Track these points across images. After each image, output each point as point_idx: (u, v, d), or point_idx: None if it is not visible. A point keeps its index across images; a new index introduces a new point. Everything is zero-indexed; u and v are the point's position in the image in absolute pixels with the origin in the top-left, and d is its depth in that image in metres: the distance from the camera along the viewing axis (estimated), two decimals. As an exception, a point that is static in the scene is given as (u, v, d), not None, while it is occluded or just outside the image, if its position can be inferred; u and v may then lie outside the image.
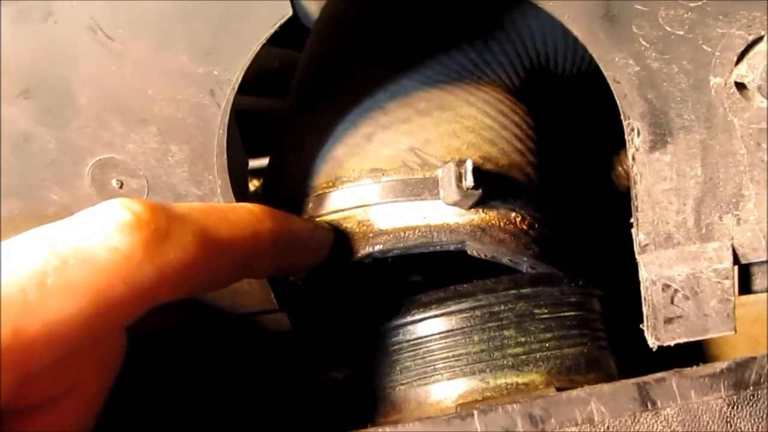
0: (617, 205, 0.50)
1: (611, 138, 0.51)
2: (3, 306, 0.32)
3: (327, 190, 0.49)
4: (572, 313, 0.49)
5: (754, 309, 0.68)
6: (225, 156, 0.45)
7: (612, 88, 0.41)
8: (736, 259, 0.43)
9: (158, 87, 0.43)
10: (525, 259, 0.47)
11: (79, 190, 0.46)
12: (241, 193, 0.48)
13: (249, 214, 0.43)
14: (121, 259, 0.35)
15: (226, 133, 0.44)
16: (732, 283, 0.43)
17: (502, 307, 0.47)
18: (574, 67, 0.56)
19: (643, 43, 0.39)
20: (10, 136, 0.44)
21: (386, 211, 0.47)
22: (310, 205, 0.49)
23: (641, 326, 0.45)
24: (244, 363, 0.54)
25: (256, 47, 0.42)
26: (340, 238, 0.47)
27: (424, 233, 0.46)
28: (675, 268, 0.43)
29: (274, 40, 0.76)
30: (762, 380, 0.39)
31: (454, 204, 0.46)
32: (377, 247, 0.46)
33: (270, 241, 0.43)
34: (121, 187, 0.46)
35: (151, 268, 0.36)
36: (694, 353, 0.44)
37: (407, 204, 0.47)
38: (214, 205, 0.43)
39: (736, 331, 0.44)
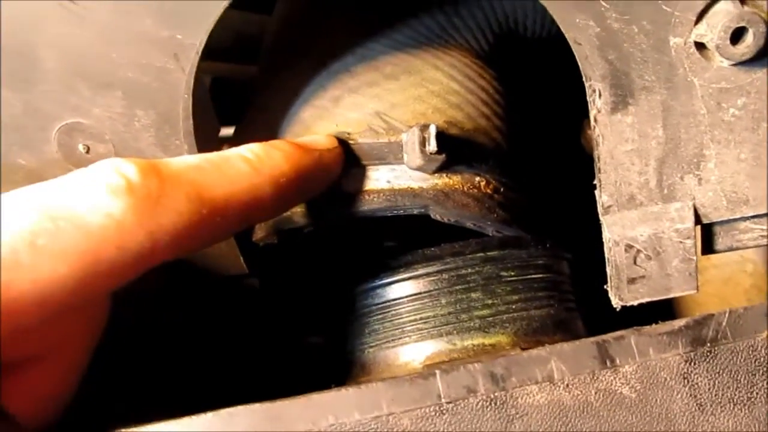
0: (587, 168, 0.50)
1: (581, 102, 0.51)
2: None
3: (293, 153, 0.48)
4: (539, 276, 0.49)
5: (725, 270, 0.68)
6: (191, 120, 0.45)
7: (573, 50, 0.41)
8: (698, 219, 0.44)
9: (123, 51, 0.43)
10: (489, 223, 0.48)
11: (47, 155, 0.47)
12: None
13: (246, 164, 0.41)
14: (113, 224, 0.35)
15: (191, 98, 0.45)
16: (694, 242, 0.43)
17: (470, 270, 0.48)
18: (544, 30, 0.56)
19: (604, 3, 0.39)
20: (-23, 101, 0.45)
21: (351, 175, 0.47)
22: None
23: (605, 287, 0.46)
24: (218, 327, 0.55)
25: (219, 11, 0.42)
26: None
27: (388, 197, 0.47)
28: (638, 229, 0.43)
29: (253, 6, 0.76)
30: (719, 337, 0.39)
31: (418, 168, 0.46)
32: (341, 210, 0.47)
33: (270, 192, 0.41)
34: (87, 152, 0.46)
35: (143, 234, 0.36)
36: (665, 315, 0.45)
37: (372, 168, 0.47)
38: (209, 158, 0.41)
39: (698, 290, 0.44)
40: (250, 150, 0.42)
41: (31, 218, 0.34)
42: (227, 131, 0.60)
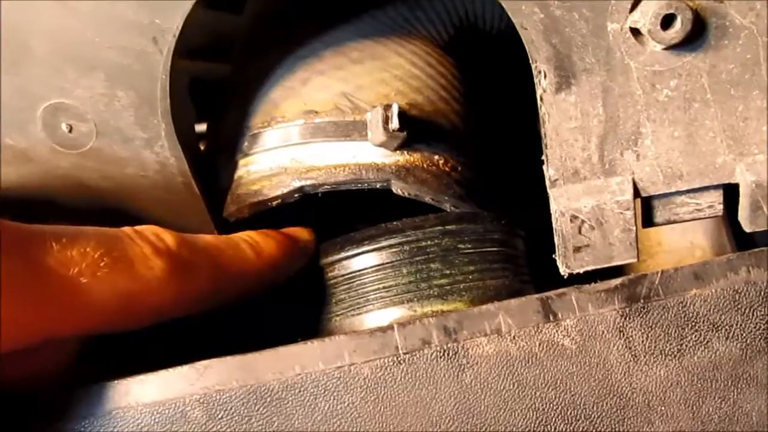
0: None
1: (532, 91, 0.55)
2: (61, 280, 0.39)
3: (262, 129, 0.52)
4: (494, 249, 0.53)
5: (675, 255, 0.72)
6: (168, 100, 0.49)
7: (520, 34, 0.45)
8: (637, 192, 0.47)
9: (106, 36, 0.47)
10: (446, 198, 0.51)
11: (32, 134, 0.50)
12: (186, 141, 0.52)
13: (251, 249, 0.50)
14: (152, 276, 0.43)
15: (168, 79, 0.48)
16: (633, 213, 0.47)
17: (429, 242, 0.51)
18: (501, 23, 0.60)
19: (547, -9, 0.43)
20: (-31, 82, 0.48)
21: (318, 150, 0.51)
22: (245, 143, 0.53)
23: (554, 256, 0.49)
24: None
25: (194, -2, 0.45)
26: (273, 173, 0.51)
27: (353, 171, 0.50)
28: (582, 201, 0.47)
29: (225, 6, 0.79)
30: (652, 294, 0.43)
31: (381, 145, 0.50)
32: (308, 182, 0.50)
33: (267, 271, 0.50)
34: (70, 131, 0.49)
35: (171, 290, 0.43)
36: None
37: (338, 144, 0.50)
38: (224, 240, 0.50)
39: (638, 259, 0.48)
40: (251, 237, 0.51)
41: (97, 254, 0.41)
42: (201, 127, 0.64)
